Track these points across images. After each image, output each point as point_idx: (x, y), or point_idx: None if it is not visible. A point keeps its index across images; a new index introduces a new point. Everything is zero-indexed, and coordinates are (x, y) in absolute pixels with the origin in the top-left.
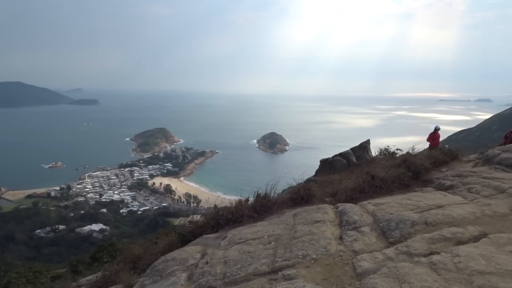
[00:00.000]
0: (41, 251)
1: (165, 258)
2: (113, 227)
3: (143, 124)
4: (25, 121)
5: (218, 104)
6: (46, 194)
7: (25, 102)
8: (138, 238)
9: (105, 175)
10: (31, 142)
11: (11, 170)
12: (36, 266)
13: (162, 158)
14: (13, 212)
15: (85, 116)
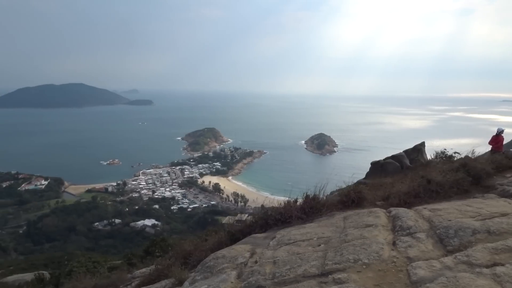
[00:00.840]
0: (99, 242)
1: (215, 255)
2: (164, 223)
3: (194, 124)
4: (86, 120)
5: (266, 104)
6: (104, 189)
7: (86, 102)
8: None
9: (157, 173)
10: (91, 140)
11: (73, 166)
12: (95, 256)
13: (211, 157)
14: (74, 205)
15: (140, 116)
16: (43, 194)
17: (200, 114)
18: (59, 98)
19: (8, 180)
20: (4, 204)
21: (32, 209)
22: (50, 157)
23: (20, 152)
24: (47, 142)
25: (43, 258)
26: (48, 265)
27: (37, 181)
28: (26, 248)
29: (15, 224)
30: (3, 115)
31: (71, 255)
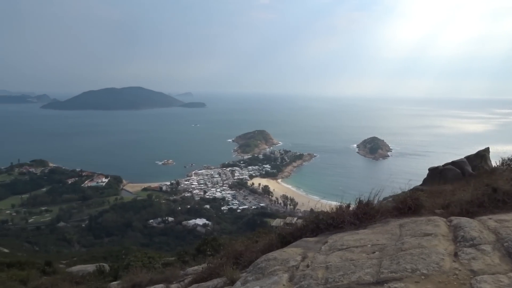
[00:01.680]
0: (153, 239)
1: (267, 257)
2: (214, 223)
3: (245, 126)
4: (143, 121)
5: (317, 107)
6: (158, 188)
7: (144, 104)
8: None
9: (209, 173)
10: (148, 141)
11: (131, 165)
12: (150, 252)
13: (261, 160)
14: (131, 203)
15: (193, 118)
16: (104, 191)
17: (251, 117)
18: (120, 100)
19: (73, 177)
20: (69, 199)
21: (94, 204)
22: (111, 156)
23: (84, 151)
24: (108, 142)
25: (102, 251)
26: (107, 258)
27: (98, 179)
28: (88, 241)
29: (78, 218)
30: (69, 116)
31: (128, 249)
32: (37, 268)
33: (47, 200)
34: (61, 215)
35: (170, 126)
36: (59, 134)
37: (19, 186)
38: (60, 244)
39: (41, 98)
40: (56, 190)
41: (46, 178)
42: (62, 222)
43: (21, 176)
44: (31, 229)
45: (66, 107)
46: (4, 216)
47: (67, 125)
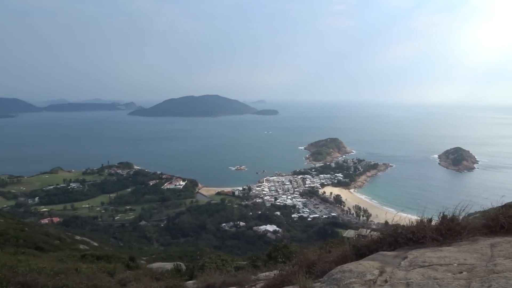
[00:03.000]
0: (225, 242)
1: (342, 269)
2: (285, 230)
3: (317, 134)
4: (219, 128)
5: (393, 115)
6: (231, 192)
7: (220, 112)
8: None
9: (280, 180)
10: (223, 147)
11: (206, 170)
12: (223, 255)
13: (333, 168)
14: (206, 206)
15: (266, 125)
16: (181, 194)
17: (324, 124)
18: (197, 108)
19: (154, 179)
20: (150, 200)
21: (172, 206)
22: (188, 160)
23: (164, 155)
24: (186, 147)
25: (178, 250)
26: (182, 258)
27: (176, 182)
28: (166, 240)
29: (158, 218)
30: (152, 122)
31: (202, 251)
32: (122, 262)
33: (131, 200)
34: (142, 214)
35: (244, 133)
36: (143, 139)
37: (108, 185)
38: (141, 241)
39: (129, 106)
40: (139, 191)
41: (131, 179)
42: (144, 221)
43: (110, 177)
44: (117, 226)
45: (150, 114)
46: (95, 213)
47: (150, 130)
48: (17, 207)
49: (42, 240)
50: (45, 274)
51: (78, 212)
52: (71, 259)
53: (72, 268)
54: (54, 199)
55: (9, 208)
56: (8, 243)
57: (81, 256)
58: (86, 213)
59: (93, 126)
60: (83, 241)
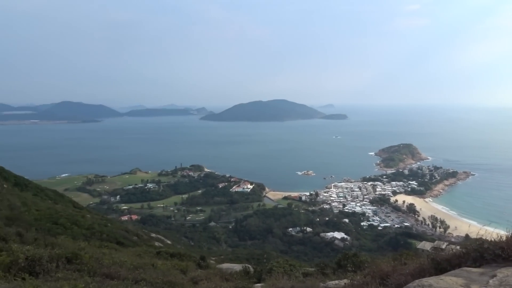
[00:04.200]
0: (291, 247)
1: (421, 283)
2: (353, 238)
3: (389, 139)
4: (286, 132)
5: (474, 119)
6: (298, 197)
7: (287, 116)
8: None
9: (348, 187)
10: (290, 151)
11: (273, 174)
12: (291, 260)
13: (406, 175)
14: (272, 210)
15: (334, 130)
16: (248, 197)
17: (396, 129)
18: (265, 112)
19: (223, 182)
20: (219, 202)
21: (239, 209)
22: (256, 164)
23: (233, 158)
24: (254, 151)
25: (245, 252)
26: (249, 260)
27: (244, 185)
28: (233, 242)
29: (226, 220)
30: (222, 126)
31: (269, 254)
32: (194, 261)
33: (202, 201)
34: (212, 215)
35: (311, 138)
36: (213, 143)
37: (181, 187)
38: (210, 242)
39: (200, 111)
40: (209, 193)
41: (202, 182)
42: (213, 222)
43: (182, 179)
44: (188, 225)
45: (220, 119)
46: (169, 212)
47: (220, 134)
48: (101, 204)
49: (122, 236)
50: (126, 268)
51: (153, 211)
52: (148, 255)
53: (149, 264)
54: (133, 198)
55: (94, 205)
56: (94, 237)
57: (156, 253)
58: (161, 212)
59: (167, 130)
60: (158, 238)
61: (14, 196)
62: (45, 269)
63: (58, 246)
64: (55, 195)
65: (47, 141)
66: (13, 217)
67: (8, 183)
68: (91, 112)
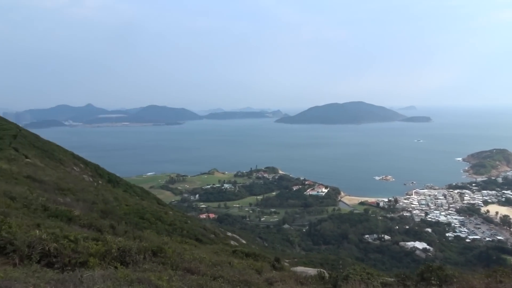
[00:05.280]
0: (368, 254)
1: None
2: (437, 249)
3: (479, 144)
4: (363, 135)
5: None
6: (375, 203)
7: (364, 119)
8: (466, 268)
9: (432, 194)
10: (367, 155)
11: (349, 178)
12: (368, 268)
13: (500, 184)
14: (348, 215)
15: (416, 133)
16: (323, 201)
17: (486, 132)
18: (341, 115)
19: (297, 184)
20: (293, 204)
21: (314, 212)
22: (331, 167)
23: (308, 161)
24: (329, 154)
25: (319, 257)
26: (323, 265)
27: (319, 188)
28: (307, 245)
29: (300, 223)
30: (297, 129)
31: (344, 260)
32: (268, 262)
33: (276, 203)
34: (286, 218)
35: (390, 141)
36: (288, 145)
37: (256, 188)
38: (284, 244)
39: (276, 113)
40: (283, 195)
41: (276, 184)
42: (287, 225)
43: (257, 180)
44: (263, 226)
45: (295, 121)
46: (244, 213)
47: (294, 137)
48: (182, 202)
49: (201, 233)
50: (205, 264)
51: (229, 211)
52: (224, 253)
53: (226, 261)
54: (210, 197)
55: (176, 202)
56: (175, 232)
57: (232, 251)
58: (236, 212)
59: (243, 132)
60: (233, 237)
61: (107, 192)
62: (134, 260)
63: (144, 239)
64: (142, 192)
65: (135, 142)
66: (107, 210)
67: (102, 180)
68: (174, 115)
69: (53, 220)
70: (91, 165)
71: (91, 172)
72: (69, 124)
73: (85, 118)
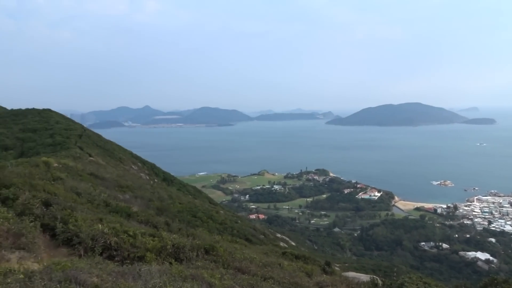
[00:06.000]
0: (424, 263)
1: None
2: (501, 261)
3: None
4: (420, 138)
5: None
6: (432, 209)
7: (421, 120)
8: None
9: (496, 202)
10: (423, 158)
11: (403, 182)
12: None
13: None
14: (402, 221)
15: (479, 136)
16: (375, 205)
17: None
18: (396, 116)
19: (349, 187)
20: (344, 208)
21: (365, 216)
22: (384, 171)
23: (360, 164)
24: (383, 157)
25: (371, 263)
26: (375, 271)
27: (371, 192)
28: (358, 251)
29: (351, 227)
30: (349, 131)
31: (398, 268)
32: (318, 265)
33: (326, 206)
34: (336, 221)
35: (450, 144)
36: (339, 147)
37: (305, 190)
38: (334, 248)
39: (327, 115)
40: (334, 198)
41: (326, 186)
42: (337, 228)
43: (307, 182)
44: (312, 229)
45: (346, 123)
46: (293, 214)
47: (346, 139)
48: (232, 202)
49: (251, 233)
50: (255, 264)
51: (279, 212)
52: (274, 254)
53: (275, 263)
54: (260, 198)
55: (226, 202)
56: (226, 232)
57: (282, 253)
58: (286, 213)
59: (294, 134)
60: (282, 239)
61: (162, 190)
62: (187, 257)
63: (197, 237)
64: (194, 191)
65: (188, 142)
66: (162, 208)
67: (158, 178)
68: (225, 117)
69: (114, 215)
70: (148, 164)
71: (147, 171)
72: (128, 125)
73: (142, 119)
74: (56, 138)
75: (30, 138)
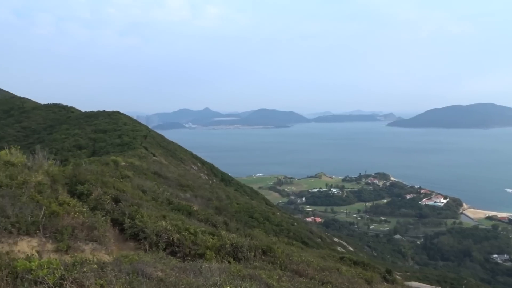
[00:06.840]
0: (496, 277)
1: None
2: None
3: None
4: (493, 141)
5: None
6: (507, 219)
7: (495, 122)
8: None
9: None
10: (496, 164)
11: (473, 189)
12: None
13: None
14: (472, 230)
15: None
16: (441, 212)
17: None
18: (465, 118)
19: (411, 193)
20: (406, 214)
21: (430, 224)
22: (451, 176)
23: (424, 168)
24: (450, 161)
25: (436, 273)
26: (440, 282)
27: (436, 198)
28: (422, 260)
29: (414, 235)
30: (413, 133)
31: (467, 281)
32: (379, 273)
33: (386, 211)
34: (397, 227)
35: None
36: (402, 150)
37: (364, 194)
38: (395, 255)
39: (388, 117)
40: (395, 203)
41: (387, 191)
42: (398, 235)
43: (366, 186)
44: (371, 235)
45: (410, 125)
46: (351, 219)
47: (410, 142)
48: (288, 204)
49: (307, 236)
50: (313, 267)
51: (336, 216)
52: (331, 258)
53: (333, 267)
54: (317, 201)
55: (283, 204)
56: (282, 233)
57: (339, 258)
58: (344, 218)
59: (353, 136)
60: (340, 243)
61: (220, 190)
62: (245, 257)
63: (254, 238)
64: (251, 192)
65: (246, 144)
66: (220, 207)
67: (216, 178)
68: (282, 118)
69: (176, 213)
70: (207, 164)
71: (206, 171)
72: (189, 126)
73: (202, 121)
74: (123, 138)
75: (101, 138)
